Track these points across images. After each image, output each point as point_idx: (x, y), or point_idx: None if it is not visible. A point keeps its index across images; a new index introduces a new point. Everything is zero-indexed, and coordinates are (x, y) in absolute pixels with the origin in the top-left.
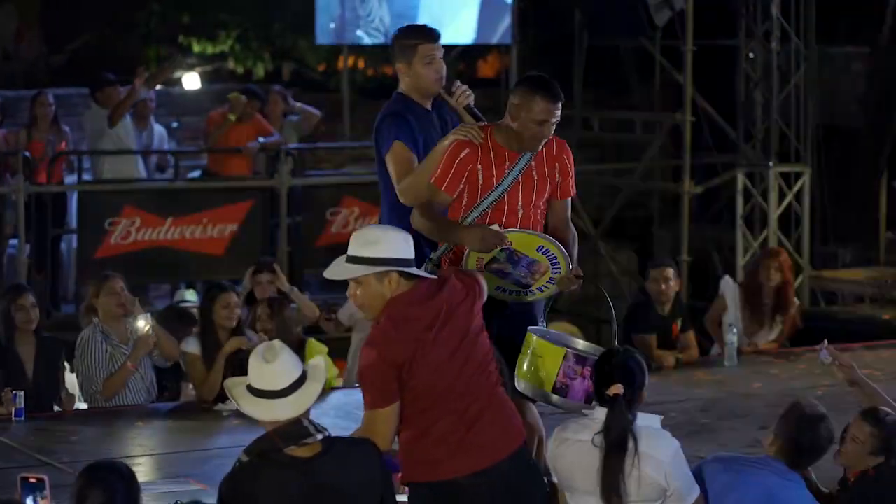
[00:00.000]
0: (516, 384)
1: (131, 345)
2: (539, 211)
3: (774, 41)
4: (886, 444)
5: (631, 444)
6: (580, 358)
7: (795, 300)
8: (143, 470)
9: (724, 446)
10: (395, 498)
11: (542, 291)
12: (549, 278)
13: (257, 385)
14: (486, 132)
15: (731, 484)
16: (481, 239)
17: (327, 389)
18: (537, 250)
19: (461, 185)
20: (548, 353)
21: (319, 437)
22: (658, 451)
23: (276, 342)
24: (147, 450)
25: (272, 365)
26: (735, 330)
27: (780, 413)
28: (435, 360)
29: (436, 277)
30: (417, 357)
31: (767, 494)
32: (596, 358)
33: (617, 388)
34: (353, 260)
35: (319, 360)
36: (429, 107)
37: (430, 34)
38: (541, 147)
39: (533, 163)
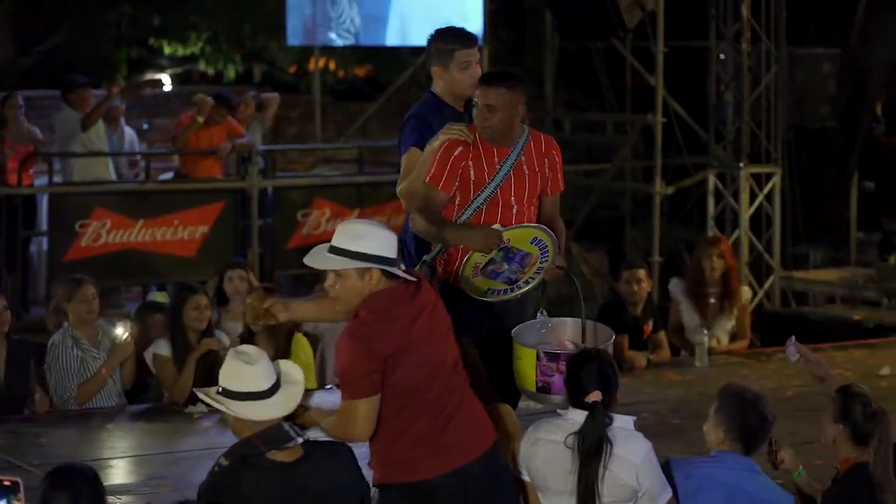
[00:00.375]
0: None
1: (102, 349)
2: (533, 206)
3: (745, 42)
4: (844, 412)
5: (605, 448)
6: (552, 356)
7: (747, 289)
8: (113, 472)
9: (693, 447)
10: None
11: (528, 283)
12: (537, 268)
13: (239, 388)
14: (473, 130)
15: (692, 489)
16: (484, 238)
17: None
18: (531, 242)
19: (456, 184)
20: (524, 356)
21: (300, 440)
22: (630, 453)
23: (250, 347)
24: (118, 452)
25: (254, 367)
26: (706, 331)
27: (715, 407)
28: (416, 358)
29: (413, 279)
30: (399, 353)
31: (730, 492)
32: (568, 353)
33: (595, 396)
34: (337, 251)
35: (290, 365)
36: (461, 109)
37: (467, 39)
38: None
39: (523, 158)
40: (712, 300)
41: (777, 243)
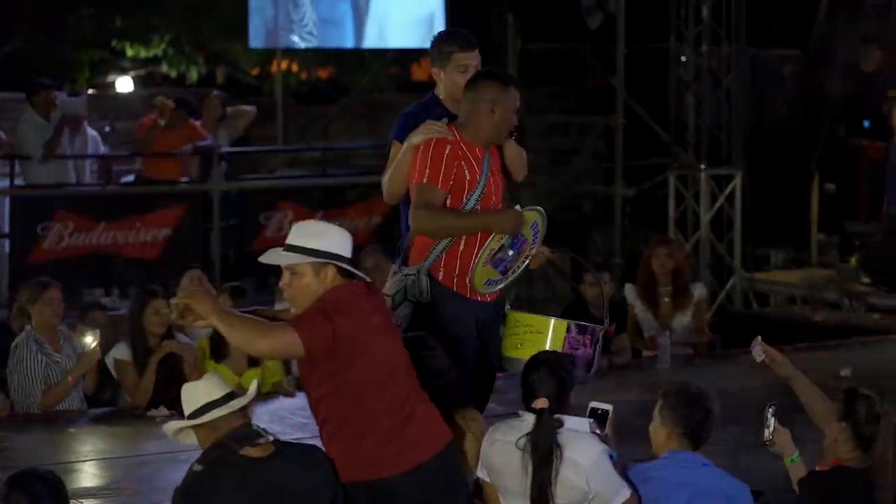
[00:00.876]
0: (506, 364)
1: (63, 353)
2: (503, 204)
3: (706, 44)
4: (848, 411)
5: (556, 453)
6: (581, 327)
7: (702, 287)
8: (75, 476)
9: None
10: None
11: (515, 273)
12: (526, 255)
13: (198, 405)
14: (453, 129)
15: (652, 495)
16: (512, 219)
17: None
18: (531, 227)
19: (450, 183)
20: (554, 329)
21: (271, 438)
22: (579, 456)
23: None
24: (80, 456)
25: (203, 381)
26: (667, 333)
27: (659, 406)
28: (375, 354)
29: (368, 280)
30: (360, 344)
31: (692, 491)
32: (595, 327)
33: (542, 403)
34: (293, 249)
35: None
36: (456, 114)
37: (466, 43)
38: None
39: (490, 158)
40: (665, 299)
41: (738, 245)
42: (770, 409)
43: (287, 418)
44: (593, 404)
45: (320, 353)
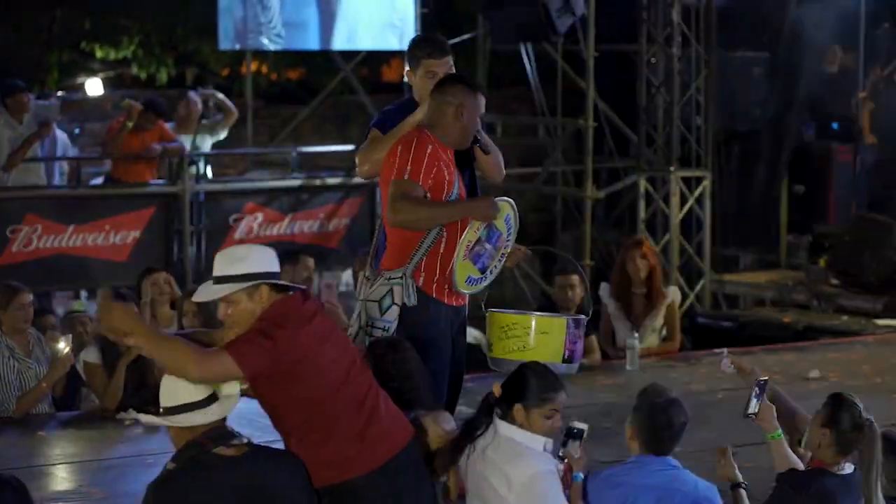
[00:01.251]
0: (503, 364)
1: (34, 358)
2: None
3: (675, 47)
4: (833, 418)
5: (481, 444)
6: (577, 321)
7: (674, 289)
8: (43, 480)
9: (625, 452)
10: None
11: (493, 273)
12: (501, 253)
13: (177, 402)
14: (424, 131)
15: (622, 500)
16: (487, 207)
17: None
18: (504, 220)
19: (429, 182)
20: (553, 328)
21: (245, 439)
22: (512, 470)
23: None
24: (49, 460)
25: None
26: (637, 334)
27: (633, 405)
28: (325, 357)
29: (301, 288)
30: (307, 353)
31: (661, 495)
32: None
33: (496, 389)
34: (222, 280)
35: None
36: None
37: (437, 50)
38: None
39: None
40: (639, 301)
41: (707, 246)
42: (758, 385)
43: (255, 420)
44: (572, 424)
45: (263, 374)
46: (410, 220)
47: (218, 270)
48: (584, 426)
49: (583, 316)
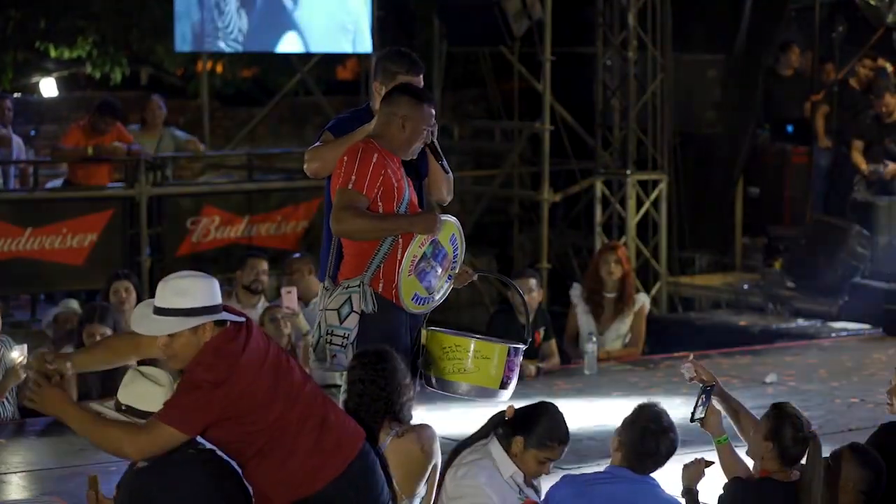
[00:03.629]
0: (448, 388)
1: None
2: None
3: (631, 50)
4: (775, 432)
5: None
6: (516, 349)
7: (643, 296)
8: (5, 488)
9: (584, 456)
10: None
11: (440, 293)
12: (448, 275)
13: (146, 408)
14: (371, 140)
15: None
16: (428, 221)
17: None
18: (450, 240)
19: (377, 191)
20: (491, 353)
21: (208, 446)
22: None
23: (155, 369)
24: (11, 467)
25: (162, 389)
26: (595, 339)
27: (627, 418)
28: (263, 389)
29: (238, 317)
30: (247, 393)
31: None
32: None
33: (510, 412)
34: (165, 312)
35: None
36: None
37: (413, 66)
38: None
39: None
40: (609, 305)
41: (663, 249)
42: (705, 391)
43: None
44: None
45: (206, 427)
46: (352, 230)
47: (161, 301)
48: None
49: (522, 345)
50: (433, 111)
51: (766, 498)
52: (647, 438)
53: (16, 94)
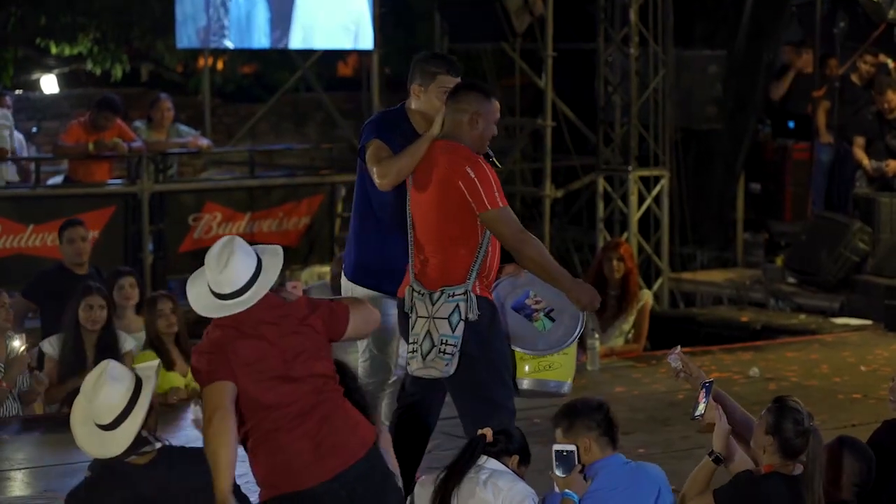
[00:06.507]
0: (539, 385)
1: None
2: None
3: (633, 46)
4: (776, 426)
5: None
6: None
7: (647, 292)
8: (7, 485)
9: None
10: None
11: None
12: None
13: (113, 416)
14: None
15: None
16: (594, 297)
17: None
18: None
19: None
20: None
21: (158, 445)
22: (504, 483)
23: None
24: (13, 464)
25: (118, 389)
26: (597, 335)
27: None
28: (265, 371)
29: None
30: (248, 368)
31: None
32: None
33: (488, 434)
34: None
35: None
36: (422, 132)
37: (452, 67)
38: None
39: None
40: (612, 302)
41: (665, 245)
42: (705, 387)
43: None
44: (556, 447)
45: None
46: (534, 256)
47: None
48: (571, 447)
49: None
50: (499, 106)
51: (773, 492)
52: (593, 413)
53: (17, 91)
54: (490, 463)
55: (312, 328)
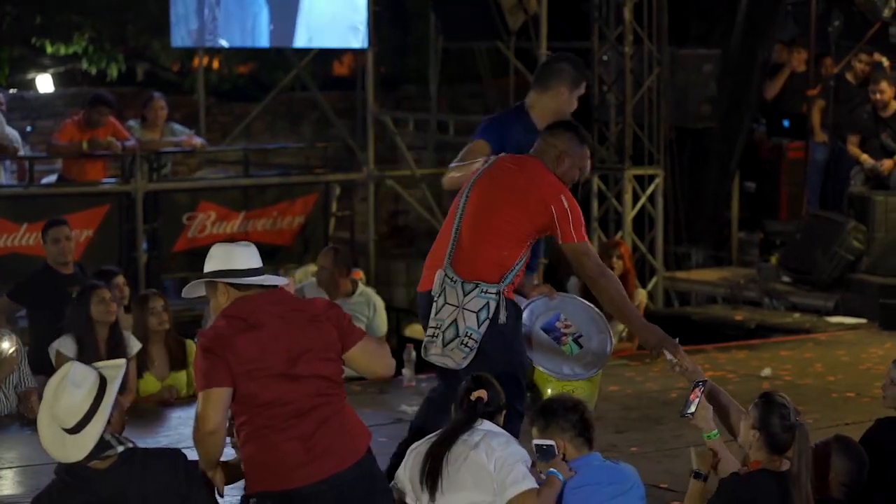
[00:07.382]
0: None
1: None
2: None
3: (627, 45)
4: (763, 421)
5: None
6: None
7: (642, 291)
8: (2, 483)
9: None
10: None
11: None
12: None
13: (78, 417)
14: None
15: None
16: (663, 339)
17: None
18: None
19: None
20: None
21: (120, 448)
22: (495, 441)
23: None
24: (7, 462)
25: (83, 389)
26: None
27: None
28: (272, 363)
29: (275, 289)
30: (247, 367)
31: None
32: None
33: (481, 393)
34: (201, 276)
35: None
36: (540, 128)
37: (585, 73)
38: None
39: None
40: None
41: (660, 244)
42: (698, 385)
43: None
44: (536, 442)
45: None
46: (609, 290)
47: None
48: (550, 441)
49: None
50: (589, 154)
51: (760, 489)
52: (568, 415)
53: (12, 90)
54: (484, 424)
55: (324, 327)
